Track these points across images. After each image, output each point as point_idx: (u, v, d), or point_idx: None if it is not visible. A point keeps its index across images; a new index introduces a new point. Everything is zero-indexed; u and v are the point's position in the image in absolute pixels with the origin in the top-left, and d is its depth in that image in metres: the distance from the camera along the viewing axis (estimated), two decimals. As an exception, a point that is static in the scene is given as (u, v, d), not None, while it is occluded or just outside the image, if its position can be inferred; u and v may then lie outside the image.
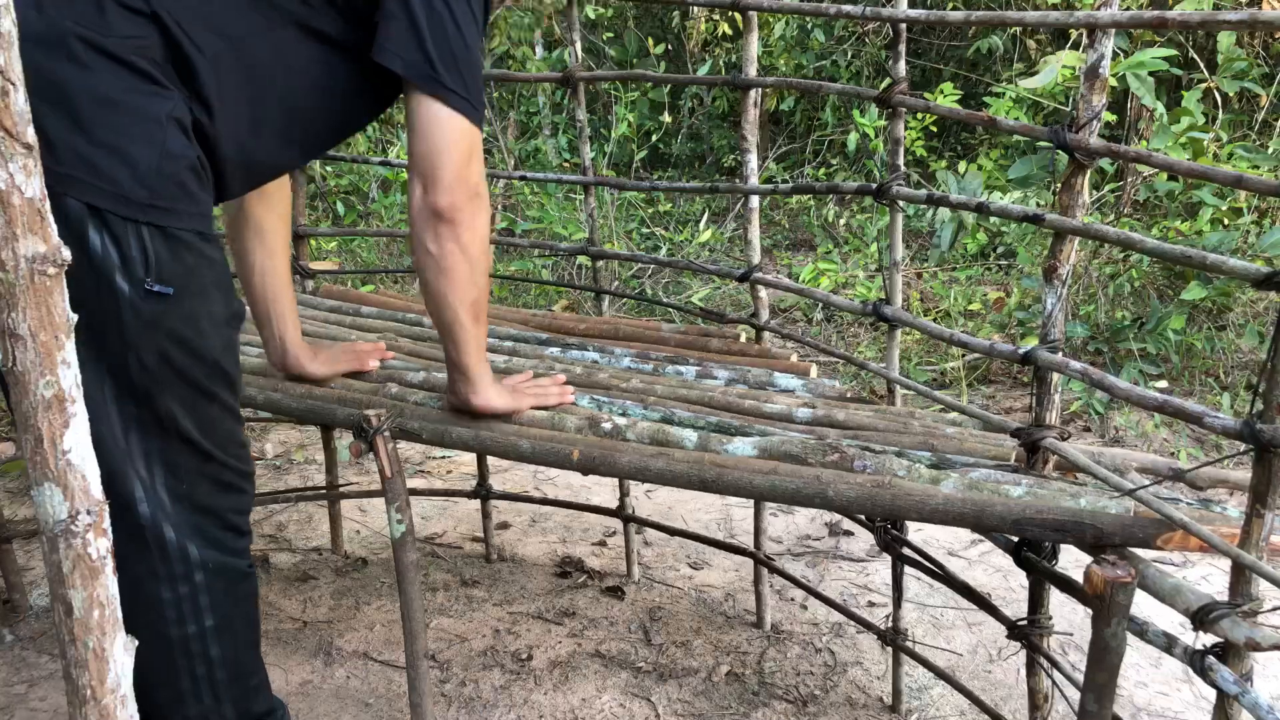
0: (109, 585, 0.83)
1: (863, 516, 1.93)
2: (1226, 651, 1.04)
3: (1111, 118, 4.36)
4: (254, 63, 1.21)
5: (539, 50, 5.92)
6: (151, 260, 1.11)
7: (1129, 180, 4.24)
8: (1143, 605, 1.33)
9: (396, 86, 1.33)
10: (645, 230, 5.22)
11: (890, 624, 1.84)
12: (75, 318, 0.79)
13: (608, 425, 1.43)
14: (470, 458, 3.10)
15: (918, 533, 2.49)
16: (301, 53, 1.24)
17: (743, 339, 1.93)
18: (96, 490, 0.81)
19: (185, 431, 1.19)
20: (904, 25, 1.61)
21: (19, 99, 0.71)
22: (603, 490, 2.86)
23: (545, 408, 1.52)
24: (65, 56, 1.09)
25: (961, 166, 4.87)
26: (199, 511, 1.23)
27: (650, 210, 5.49)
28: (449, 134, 1.28)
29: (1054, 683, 1.46)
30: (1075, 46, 4.17)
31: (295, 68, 1.25)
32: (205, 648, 1.25)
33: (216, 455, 1.23)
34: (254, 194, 1.49)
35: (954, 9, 4.91)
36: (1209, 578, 2.36)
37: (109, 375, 1.13)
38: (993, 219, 4.61)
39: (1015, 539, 1.35)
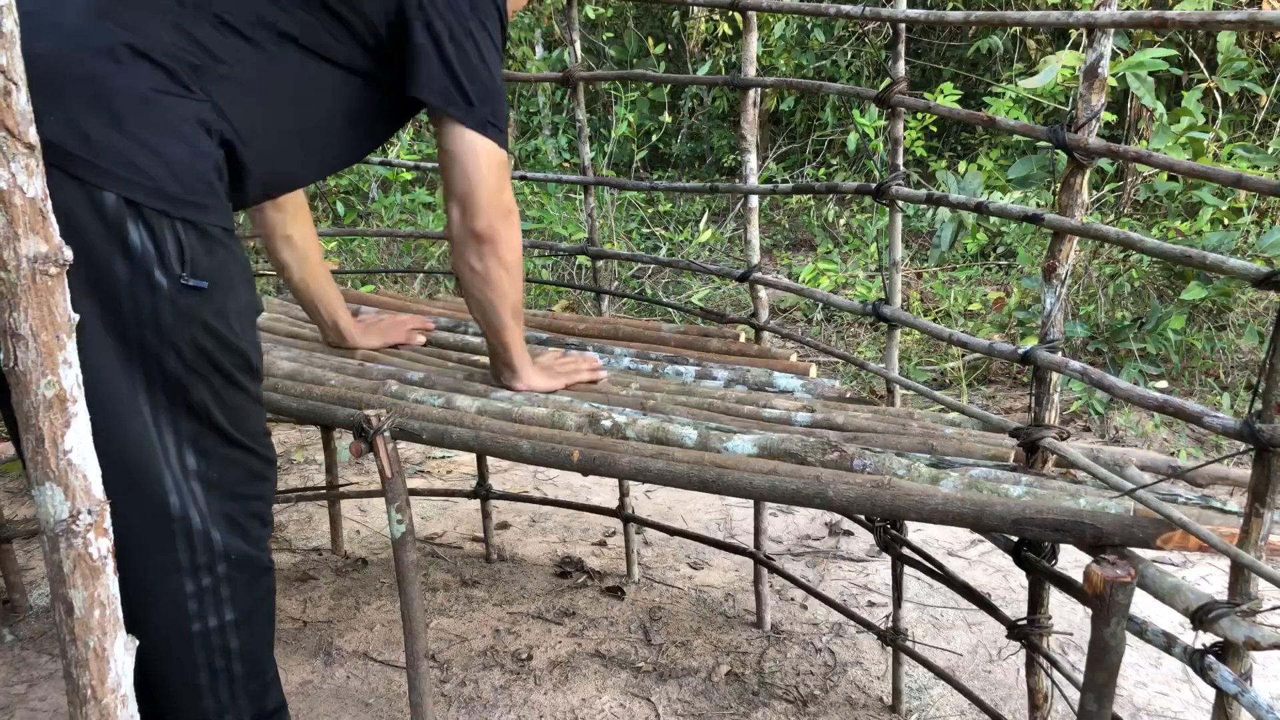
0: (109, 585, 0.83)
1: (863, 516, 1.93)
2: (1226, 651, 1.04)
3: (1111, 118, 4.36)
4: (279, 86, 1.26)
5: (539, 50, 5.92)
6: (187, 255, 1.14)
7: (1129, 180, 4.24)
8: (1142, 605, 1.33)
9: (412, 109, 1.43)
10: (645, 230, 5.22)
11: (890, 624, 1.85)
12: (76, 317, 0.79)
13: (607, 423, 1.43)
14: (470, 458, 3.10)
15: (918, 533, 2.49)
16: (324, 79, 1.31)
17: (742, 339, 1.93)
18: (97, 490, 0.81)
19: (217, 421, 1.22)
20: (904, 25, 1.61)
21: (20, 99, 0.72)
22: (603, 490, 2.86)
23: (578, 385, 1.67)
24: (105, 56, 1.12)
25: (961, 166, 4.87)
26: (230, 499, 1.25)
27: (650, 210, 5.49)
28: (483, 161, 1.39)
29: (1054, 682, 1.46)
30: (1075, 46, 4.18)
31: (318, 93, 1.31)
32: (225, 641, 1.26)
33: (246, 443, 1.26)
34: (270, 207, 1.64)
35: (954, 9, 4.91)
36: (1209, 577, 2.36)
37: (141, 369, 1.15)
38: (993, 219, 4.61)
39: (1015, 539, 1.35)
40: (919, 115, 5.07)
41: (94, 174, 1.08)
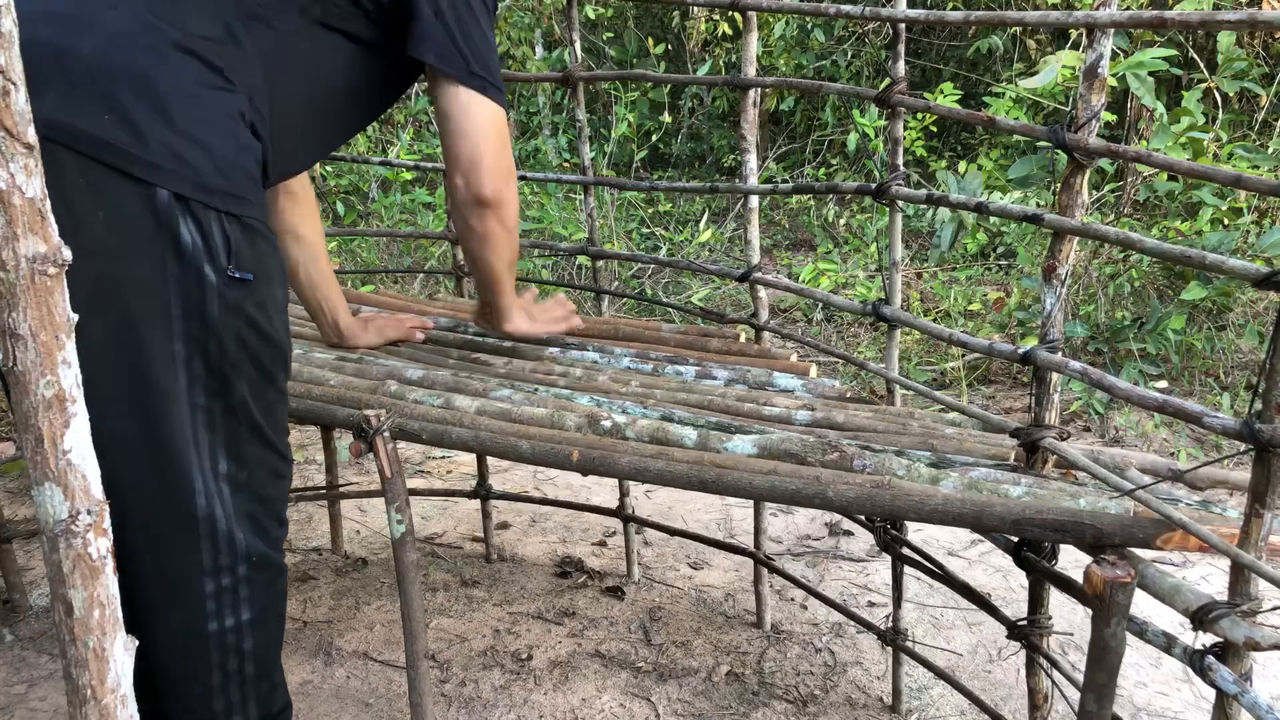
0: (109, 585, 0.83)
1: (863, 517, 1.93)
2: (1226, 651, 1.04)
3: (1111, 118, 4.36)
4: (292, 62, 1.27)
5: (539, 50, 5.92)
6: (233, 247, 1.15)
7: (1129, 180, 4.24)
8: (1142, 605, 1.33)
9: (409, 79, 1.45)
10: (645, 230, 5.22)
11: (890, 624, 1.85)
12: (75, 317, 0.79)
13: (607, 423, 1.43)
14: (470, 458, 3.10)
15: (918, 533, 2.49)
16: (333, 52, 1.32)
17: (742, 339, 1.93)
18: (97, 490, 0.81)
19: (252, 418, 1.22)
20: (904, 25, 1.61)
21: (19, 99, 0.71)
22: (603, 490, 2.86)
23: (555, 337, 1.80)
24: (153, 52, 1.13)
25: (961, 166, 4.88)
26: (254, 500, 1.25)
27: (650, 210, 5.49)
28: (484, 121, 1.40)
29: (1054, 683, 1.46)
30: (1075, 46, 4.18)
31: (326, 66, 1.32)
32: (240, 641, 1.26)
33: (274, 442, 1.26)
34: (288, 203, 1.64)
35: (954, 9, 4.91)
36: (1209, 578, 2.36)
37: (184, 366, 1.15)
38: (993, 219, 4.61)
39: (1015, 539, 1.35)
40: (919, 115, 5.07)
41: (150, 171, 1.09)
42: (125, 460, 1.13)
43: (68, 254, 0.77)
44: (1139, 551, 1.12)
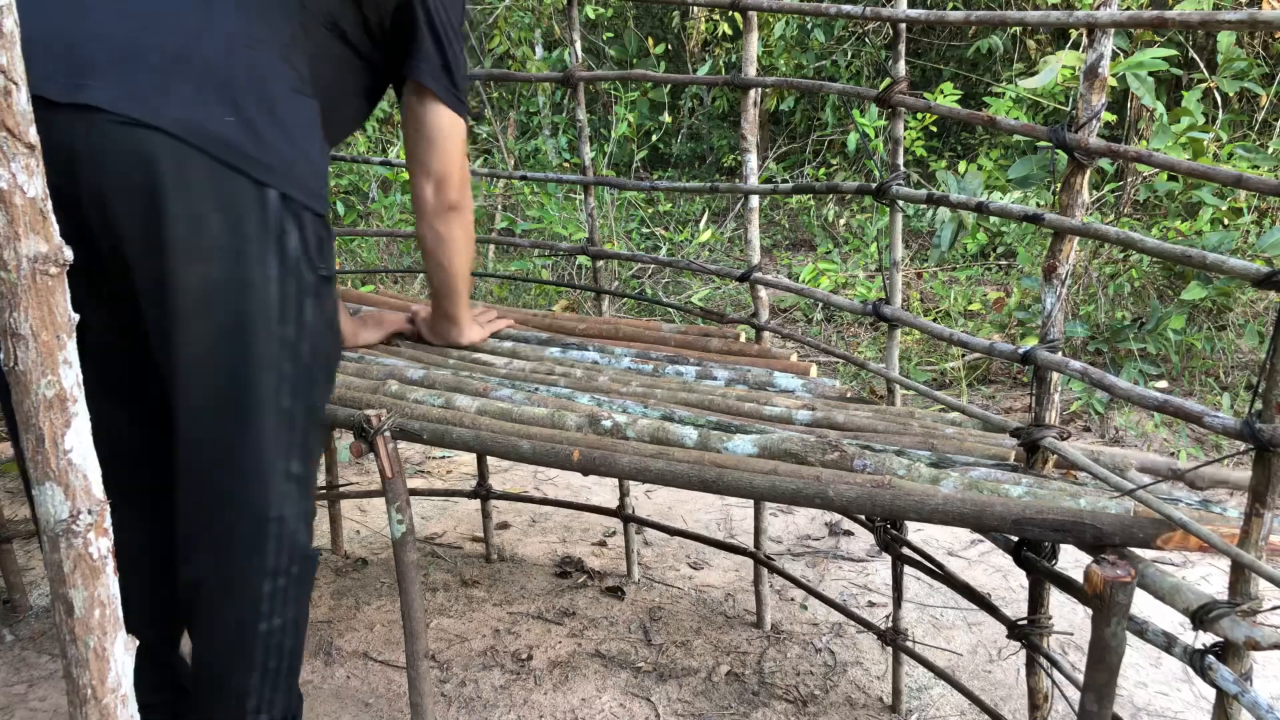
0: (110, 584, 0.83)
1: (863, 516, 1.93)
2: (1226, 651, 1.04)
3: (1111, 118, 4.36)
4: (323, 70, 1.32)
5: (539, 50, 5.92)
6: (323, 247, 1.21)
7: (1129, 180, 4.24)
8: (1142, 605, 1.33)
9: (384, 91, 1.54)
10: (645, 230, 5.22)
11: (890, 624, 1.85)
12: (76, 317, 0.79)
13: (608, 423, 1.43)
14: (470, 458, 3.10)
15: (918, 533, 2.49)
16: (347, 63, 1.39)
17: (743, 339, 1.93)
18: (97, 489, 0.81)
19: (319, 416, 1.26)
20: (904, 25, 1.61)
21: (21, 98, 0.71)
22: (603, 490, 2.86)
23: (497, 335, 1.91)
24: (264, 55, 1.17)
25: (961, 166, 4.88)
26: (308, 497, 1.28)
27: (650, 210, 5.49)
28: (457, 138, 1.50)
29: (1054, 682, 1.46)
30: (1075, 46, 4.18)
31: (343, 76, 1.39)
32: (282, 640, 1.28)
33: (321, 438, 1.32)
34: None
35: (954, 9, 4.90)
36: (1209, 577, 2.36)
37: (276, 368, 1.17)
38: (993, 219, 4.61)
39: (1015, 539, 1.35)
40: (919, 115, 5.07)
41: (266, 173, 1.12)
42: (209, 461, 1.15)
43: (68, 253, 0.77)
44: (1139, 551, 1.12)
